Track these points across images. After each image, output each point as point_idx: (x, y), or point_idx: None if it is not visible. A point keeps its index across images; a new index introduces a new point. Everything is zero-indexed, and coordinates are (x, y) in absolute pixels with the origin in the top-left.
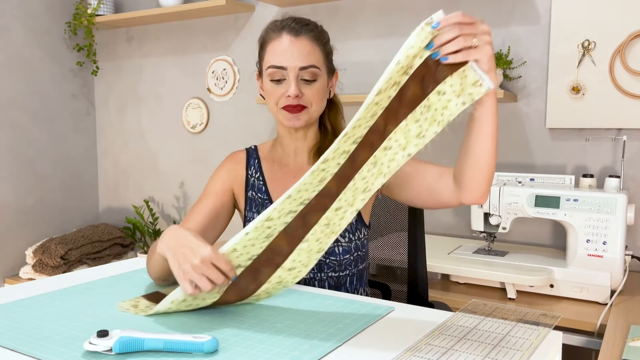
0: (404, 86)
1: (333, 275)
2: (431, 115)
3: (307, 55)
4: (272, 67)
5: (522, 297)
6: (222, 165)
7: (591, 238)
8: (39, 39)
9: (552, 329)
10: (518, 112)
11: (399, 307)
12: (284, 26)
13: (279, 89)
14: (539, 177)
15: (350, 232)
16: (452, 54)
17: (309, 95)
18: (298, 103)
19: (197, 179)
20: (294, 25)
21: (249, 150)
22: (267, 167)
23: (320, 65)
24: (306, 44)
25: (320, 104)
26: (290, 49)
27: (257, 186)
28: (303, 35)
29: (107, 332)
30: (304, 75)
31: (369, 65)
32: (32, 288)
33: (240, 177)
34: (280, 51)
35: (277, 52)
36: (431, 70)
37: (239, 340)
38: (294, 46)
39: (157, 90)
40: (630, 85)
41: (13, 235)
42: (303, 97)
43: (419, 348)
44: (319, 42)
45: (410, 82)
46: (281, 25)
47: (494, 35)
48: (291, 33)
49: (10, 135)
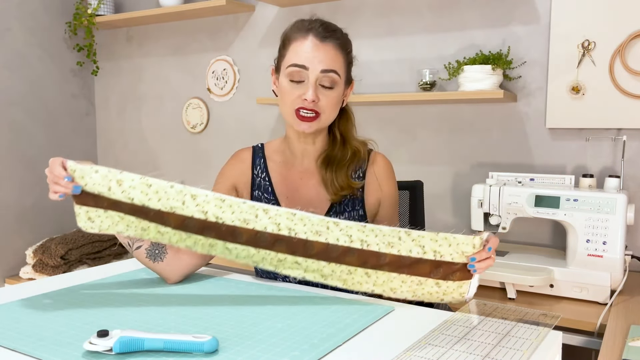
0: (424, 260)
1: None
2: (416, 288)
3: (331, 60)
4: (294, 66)
5: (522, 297)
6: (228, 164)
7: (591, 238)
8: (39, 39)
9: (552, 328)
10: (518, 112)
11: (399, 307)
12: (311, 28)
13: (297, 90)
14: (539, 177)
15: None
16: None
17: (324, 102)
18: (313, 108)
19: (197, 178)
20: (321, 30)
21: (256, 149)
22: (273, 168)
23: (341, 73)
24: (330, 49)
25: (333, 112)
26: (315, 51)
27: (264, 186)
28: (329, 40)
29: (107, 332)
30: (324, 80)
31: (369, 65)
32: (32, 288)
33: (246, 176)
34: (304, 51)
35: (301, 52)
36: (450, 268)
37: (239, 340)
38: (319, 49)
39: (157, 90)
40: (630, 85)
41: (13, 235)
42: (319, 103)
43: (419, 348)
44: (343, 50)
45: (429, 262)
46: (309, 26)
47: (495, 35)
48: (318, 36)
49: (10, 136)
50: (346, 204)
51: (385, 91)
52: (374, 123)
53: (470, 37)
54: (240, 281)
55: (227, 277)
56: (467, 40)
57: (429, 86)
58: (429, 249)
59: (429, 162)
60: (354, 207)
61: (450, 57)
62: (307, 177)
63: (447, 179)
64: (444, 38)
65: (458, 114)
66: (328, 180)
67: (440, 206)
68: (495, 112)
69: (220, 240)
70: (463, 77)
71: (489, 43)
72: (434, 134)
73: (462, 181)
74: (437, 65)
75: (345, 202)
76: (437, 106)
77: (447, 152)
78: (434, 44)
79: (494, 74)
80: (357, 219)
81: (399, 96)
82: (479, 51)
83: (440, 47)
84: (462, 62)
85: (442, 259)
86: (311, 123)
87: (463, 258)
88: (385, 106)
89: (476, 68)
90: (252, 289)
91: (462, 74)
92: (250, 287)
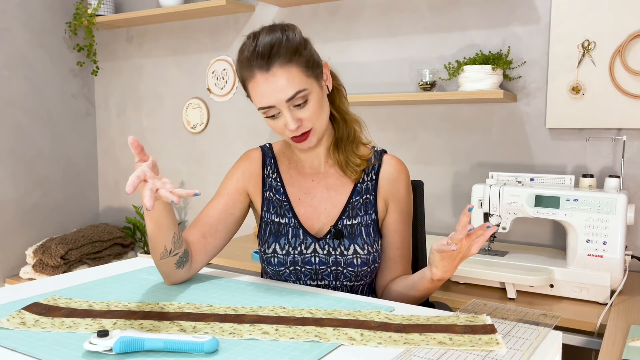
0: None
1: (348, 284)
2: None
3: (287, 87)
4: (262, 109)
5: (522, 297)
6: (236, 165)
7: (591, 238)
8: (39, 39)
9: (552, 329)
10: (518, 112)
11: (399, 306)
12: (251, 65)
13: (278, 122)
14: (539, 177)
15: (369, 244)
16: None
17: (307, 116)
18: (301, 132)
19: (197, 179)
20: (259, 61)
21: (264, 149)
22: (284, 169)
23: (305, 85)
24: (280, 75)
25: (322, 117)
26: (268, 87)
27: (275, 187)
28: (273, 67)
29: (107, 332)
30: (295, 102)
31: (368, 65)
32: (32, 288)
33: (256, 177)
34: (260, 92)
35: (258, 94)
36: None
37: (239, 340)
38: (270, 83)
39: (157, 90)
40: (630, 85)
41: (13, 235)
42: (303, 123)
43: (420, 347)
44: (292, 62)
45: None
46: (248, 62)
47: (495, 35)
48: (261, 70)
49: (10, 136)
50: (359, 208)
51: (385, 91)
52: (374, 123)
53: (470, 37)
54: (240, 281)
55: (227, 277)
56: (467, 40)
57: (429, 86)
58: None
59: (429, 162)
60: (366, 211)
61: (450, 57)
62: (318, 179)
63: (447, 179)
64: (444, 38)
65: (458, 114)
66: (343, 161)
67: (440, 206)
68: (495, 112)
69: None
70: (463, 77)
71: (489, 43)
72: (434, 134)
73: (462, 181)
74: (437, 65)
75: (358, 207)
76: (437, 106)
77: (447, 152)
78: (434, 44)
79: (494, 74)
80: (370, 223)
81: (399, 96)
82: (479, 51)
83: (440, 47)
84: (462, 62)
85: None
86: (309, 138)
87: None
88: (385, 106)
89: (476, 68)
90: (252, 289)
91: (462, 74)
92: (250, 287)
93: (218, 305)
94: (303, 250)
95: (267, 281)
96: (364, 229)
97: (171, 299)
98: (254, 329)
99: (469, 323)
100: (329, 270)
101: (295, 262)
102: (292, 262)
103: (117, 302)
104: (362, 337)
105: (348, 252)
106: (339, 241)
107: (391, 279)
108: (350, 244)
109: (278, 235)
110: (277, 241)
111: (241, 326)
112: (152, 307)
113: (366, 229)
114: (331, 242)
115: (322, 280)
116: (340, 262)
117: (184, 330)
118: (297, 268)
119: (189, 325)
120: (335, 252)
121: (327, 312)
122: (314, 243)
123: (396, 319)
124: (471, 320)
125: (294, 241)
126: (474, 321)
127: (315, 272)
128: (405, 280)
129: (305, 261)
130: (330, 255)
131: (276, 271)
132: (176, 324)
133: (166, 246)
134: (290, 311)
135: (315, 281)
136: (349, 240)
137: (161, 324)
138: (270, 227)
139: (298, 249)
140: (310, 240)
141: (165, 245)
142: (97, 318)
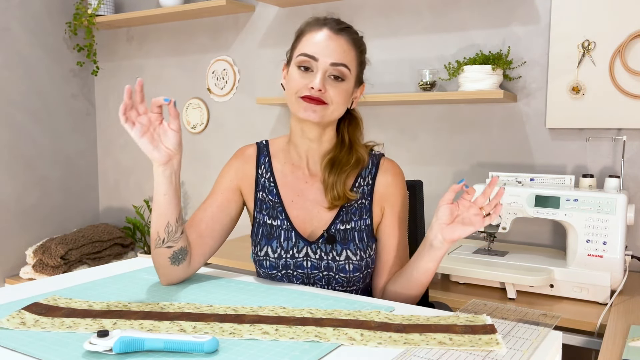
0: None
1: (340, 290)
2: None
3: (342, 53)
4: (303, 55)
5: (522, 297)
6: (230, 163)
7: (591, 238)
8: (39, 39)
9: (552, 329)
10: (518, 112)
11: (399, 307)
12: (326, 23)
13: (304, 78)
14: (539, 177)
15: (362, 250)
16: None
17: (332, 93)
18: (319, 97)
19: (197, 178)
20: (335, 24)
21: (260, 146)
22: (278, 168)
23: (352, 68)
24: (343, 43)
25: (341, 105)
26: (327, 43)
27: (268, 187)
28: (343, 34)
29: (107, 332)
30: (333, 72)
31: (368, 65)
32: (32, 288)
33: (250, 176)
34: (316, 42)
35: (313, 42)
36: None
37: (239, 340)
38: (331, 41)
39: (157, 90)
40: (630, 85)
41: (13, 235)
42: (326, 94)
43: (420, 347)
44: (356, 47)
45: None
46: (324, 21)
47: (495, 35)
48: (332, 29)
49: (10, 135)
50: (353, 212)
51: (385, 91)
52: (374, 123)
53: (470, 37)
54: (240, 281)
55: (227, 277)
56: (467, 40)
57: (429, 86)
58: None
59: (429, 162)
60: (361, 216)
61: (450, 57)
62: (312, 181)
63: (447, 179)
64: (444, 38)
65: (458, 114)
66: (329, 184)
67: None
68: (495, 112)
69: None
70: (463, 77)
71: (489, 43)
72: (434, 134)
73: None
74: (437, 65)
75: (353, 211)
76: (437, 106)
77: (447, 152)
78: (434, 44)
79: (494, 74)
80: (364, 228)
81: (399, 96)
82: (479, 51)
83: (440, 47)
84: (462, 62)
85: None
86: (316, 107)
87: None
88: (385, 106)
89: (476, 68)
90: (252, 289)
91: (462, 74)
92: (250, 287)
93: (218, 306)
94: (295, 254)
95: (267, 281)
96: (357, 234)
97: (171, 299)
98: (254, 329)
99: (469, 323)
100: (320, 274)
101: (287, 266)
102: (284, 265)
103: (117, 302)
104: (362, 337)
105: (340, 257)
106: (331, 246)
107: (387, 282)
108: (343, 249)
109: (270, 238)
110: (269, 244)
111: (241, 326)
112: (152, 307)
113: (359, 234)
114: (323, 246)
115: (314, 284)
116: (332, 268)
117: (184, 330)
118: (289, 272)
119: (189, 325)
120: (327, 257)
121: (327, 312)
122: (306, 247)
123: (396, 319)
124: (471, 321)
125: (287, 244)
126: (474, 321)
127: (307, 276)
128: (401, 271)
129: (297, 265)
130: (322, 260)
131: (268, 274)
132: (176, 324)
133: (159, 233)
134: (290, 311)
135: (307, 285)
136: (341, 245)
137: (161, 324)
138: (262, 228)
139: (290, 252)
140: (302, 243)
141: (159, 232)
142: (97, 318)
